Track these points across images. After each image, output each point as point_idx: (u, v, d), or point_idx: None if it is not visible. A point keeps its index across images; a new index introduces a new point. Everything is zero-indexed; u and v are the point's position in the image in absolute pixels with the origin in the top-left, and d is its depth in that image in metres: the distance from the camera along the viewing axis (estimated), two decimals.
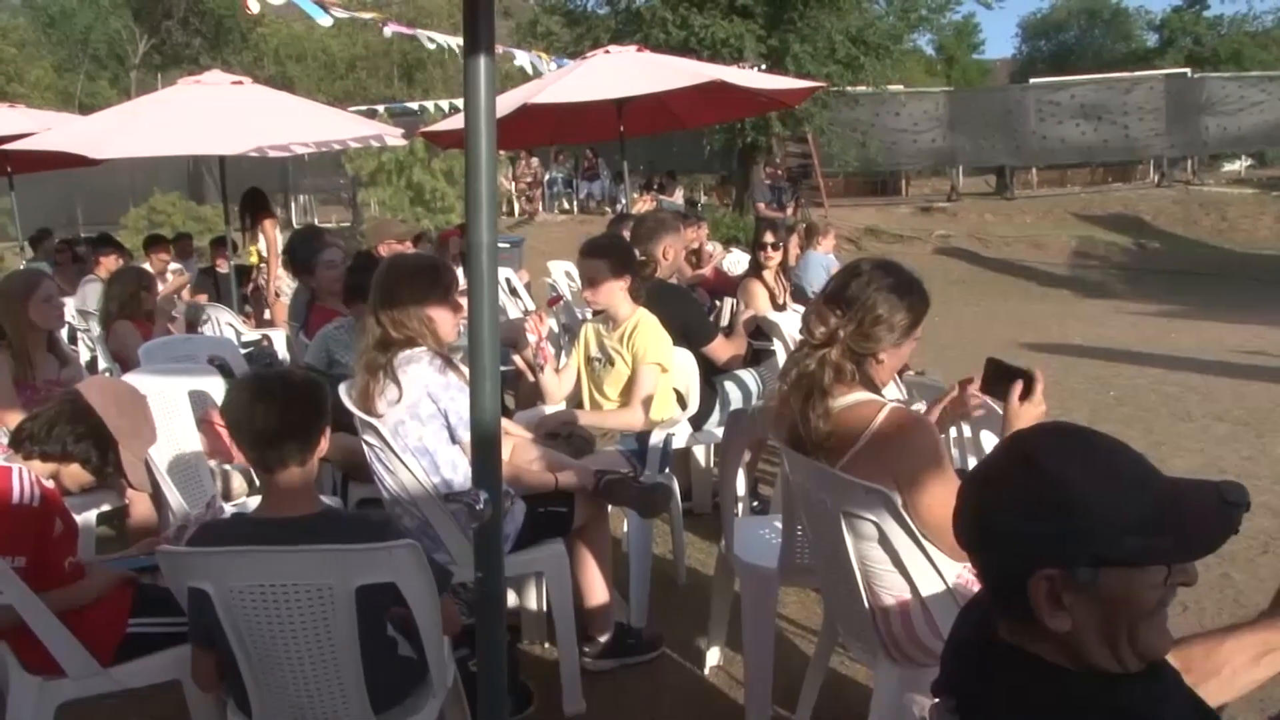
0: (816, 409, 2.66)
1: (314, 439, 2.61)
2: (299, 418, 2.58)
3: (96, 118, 8.56)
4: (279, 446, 2.55)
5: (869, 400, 2.65)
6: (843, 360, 2.67)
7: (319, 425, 2.63)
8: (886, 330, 2.67)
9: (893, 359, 2.73)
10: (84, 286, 8.73)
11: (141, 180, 22.17)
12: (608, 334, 4.54)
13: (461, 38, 2.01)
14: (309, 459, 2.60)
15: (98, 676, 2.93)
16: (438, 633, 2.57)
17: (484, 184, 2.01)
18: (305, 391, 2.64)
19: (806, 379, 2.69)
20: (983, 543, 1.53)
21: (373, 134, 8.49)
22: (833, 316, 2.68)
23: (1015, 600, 1.46)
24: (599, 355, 4.55)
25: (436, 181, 18.86)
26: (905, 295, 2.69)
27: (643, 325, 4.46)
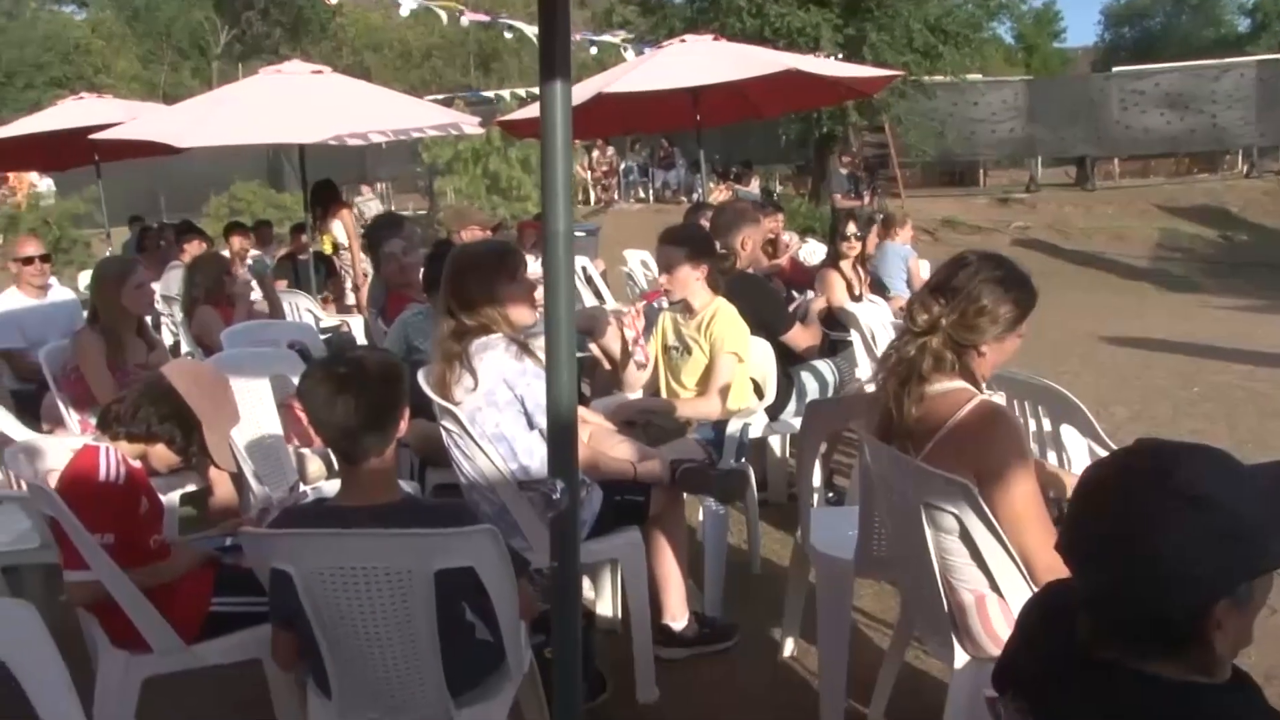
0: (911, 394, 2.63)
1: (392, 428, 2.63)
2: (377, 409, 2.59)
3: (181, 107, 8.70)
4: (359, 440, 2.57)
5: (960, 389, 2.61)
6: (943, 349, 2.62)
7: (396, 414, 2.65)
8: (989, 322, 2.62)
9: (995, 353, 2.67)
10: (168, 273, 8.92)
11: (222, 169, 22.58)
12: (684, 323, 4.53)
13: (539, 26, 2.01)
14: (388, 448, 2.63)
15: (181, 653, 3.00)
16: (515, 618, 2.58)
17: (560, 172, 2.01)
18: (382, 380, 2.64)
19: (905, 365, 2.65)
20: (1146, 589, 1.44)
21: (450, 122, 8.53)
22: (936, 305, 2.64)
23: (1175, 633, 1.43)
24: (676, 344, 4.54)
25: (513, 170, 18.93)
26: (1011, 289, 2.64)
27: (720, 314, 4.44)
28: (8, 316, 6.09)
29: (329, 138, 7.37)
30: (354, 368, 2.63)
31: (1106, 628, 1.52)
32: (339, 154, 11.00)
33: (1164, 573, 1.42)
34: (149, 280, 5.28)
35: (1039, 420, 3.46)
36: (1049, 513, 2.54)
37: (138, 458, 3.16)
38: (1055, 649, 1.57)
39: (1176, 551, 1.41)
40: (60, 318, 6.14)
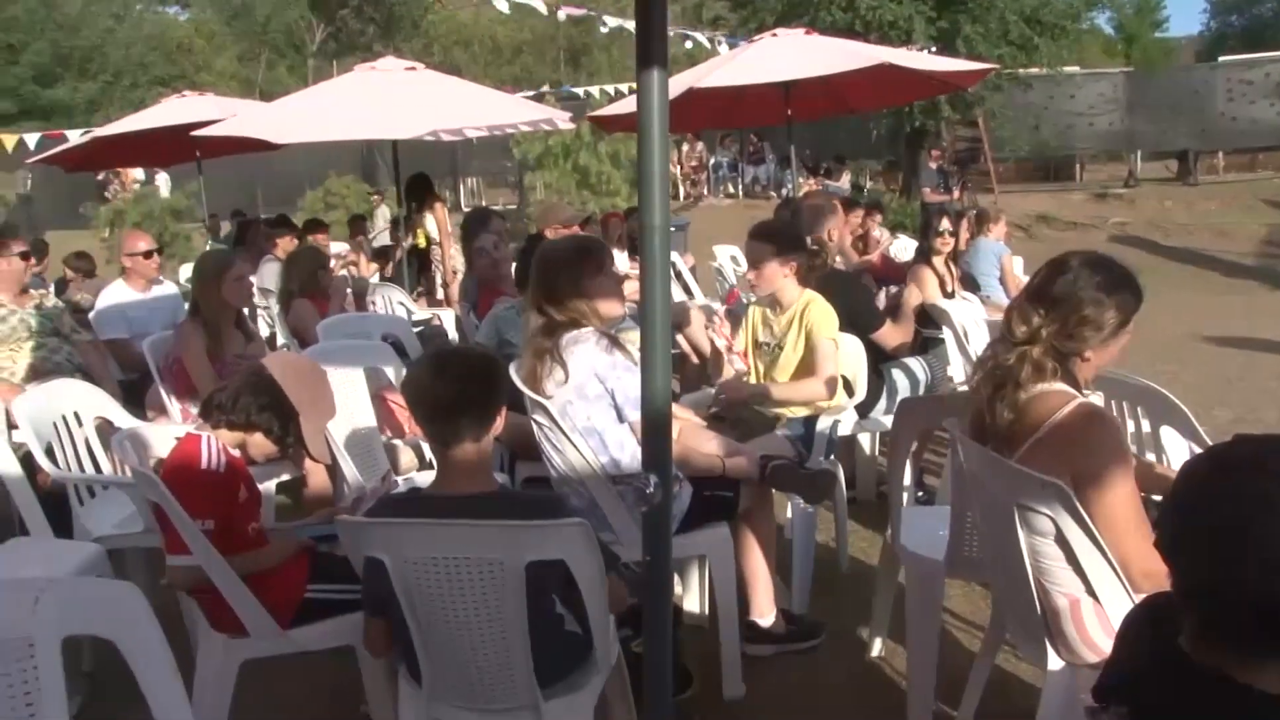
0: (1006, 400, 2.58)
1: (489, 415, 2.66)
2: (475, 393, 2.65)
3: (278, 104, 8.88)
4: (455, 421, 2.61)
5: (1059, 391, 2.55)
6: (1044, 358, 2.56)
7: (495, 402, 2.68)
8: (1093, 330, 2.55)
9: (1100, 357, 2.61)
10: (263, 266, 9.12)
11: (318, 164, 22.97)
12: (774, 317, 4.51)
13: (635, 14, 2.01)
14: (484, 435, 2.66)
15: (277, 638, 3.07)
16: (604, 611, 2.60)
17: (656, 165, 2.01)
18: (483, 369, 2.71)
19: (1002, 372, 2.61)
20: (1250, 576, 1.42)
21: (542, 118, 8.59)
22: (1035, 316, 2.57)
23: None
24: (767, 340, 4.52)
25: (603, 165, 18.99)
26: (1114, 293, 2.56)
27: (812, 306, 4.41)
28: (114, 308, 6.28)
29: (423, 133, 7.47)
30: (459, 357, 2.77)
31: (1210, 625, 1.49)
32: (431, 149, 11.17)
33: (1267, 557, 1.40)
34: (248, 273, 5.41)
35: (1138, 421, 3.39)
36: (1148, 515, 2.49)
37: (237, 446, 3.24)
38: (1160, 658, 1.54)
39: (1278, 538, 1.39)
40: (163, 310, 6.31)
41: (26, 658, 2.05)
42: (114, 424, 4.38)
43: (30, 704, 2.06)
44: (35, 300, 5.47)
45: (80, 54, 37.71)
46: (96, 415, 4.40)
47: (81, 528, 4.06)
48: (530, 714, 2.62)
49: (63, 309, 5.70)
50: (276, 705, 3.60)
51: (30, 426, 4.08)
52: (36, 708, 2.06)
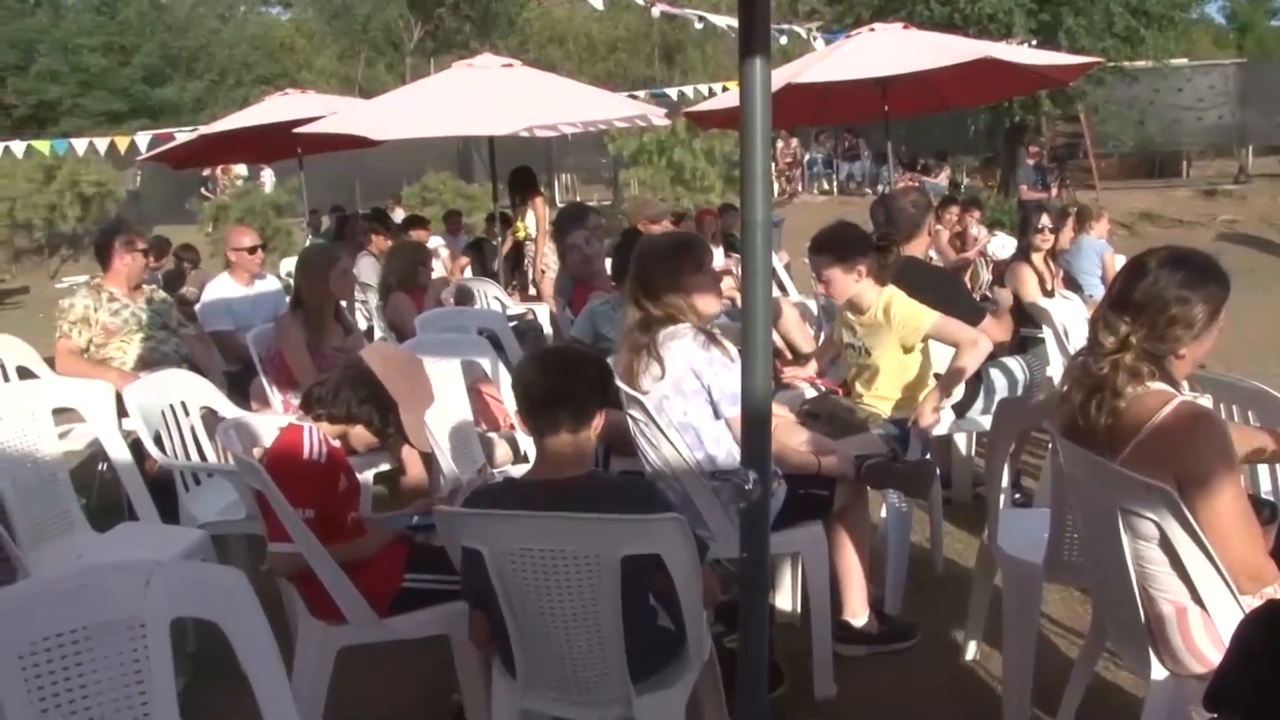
0: (1103, 407, 2.52)
1: (588, 411, 2.69)
2: (576, 386, 2.69)
3: (378, 101, 9.02)
4: (552, 411, 2.65)
5: (1158, 391, 2.48)
6: (1139, 364, 2.49)
7: (594, 399, 2.72)
8: (1184, 328, 2.47)
9: (1195, 352, 2.53)
10: (360, 260, 9.29)
11: (414, 160, 23.30)
12: (855, 319, 4.38)
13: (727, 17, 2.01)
14: (581, 429, 2.69)
15: (375, 626, 3.11)
16: (698, 606, 2.60)
17: (759, 160, 2.00)
18: (587, 365, 2.77)
19: (1096, 381, 2.54)
20: None
21: (637, 114, 8.59)
22: (1122, 324, 2.50)
23: None
24: (851, 341, 4.43)
25: (697, 161, 19.02)
26: (1200, 287, 2.48)
27: (894, 303, 4.25)
28: (219, 301, 6.44)
29: (520, 129, 7.52)
30: (564, 352, 2.86)
31: None
32: (527, 146, 11.26)
33: None
34: (351, 266, 5.51)
35: (1248, 422, 3.29)
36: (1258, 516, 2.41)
37: (338, 437, 3.29)
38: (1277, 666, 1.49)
39: None
40: (266, 303, 6.45)
41: (138, 638, 2.12)
42: (218, 414, 4.49)
43: (141, 682, 2.12)
44: (146, 294, 5.63)
45: (187, 54, 38.74)
46: (202, 405, 4.52)
47: (187, 513, 4.18)
48: (622, 708, 2.63)
49: (171, 303, 5.86)
50: (372, 692, 3.67)
51: (140, 415, 4.21)
52: (147, 686, 2.13)
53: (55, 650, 2.03)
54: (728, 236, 9.67)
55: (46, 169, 21.40)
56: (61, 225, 22.38)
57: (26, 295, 20.85)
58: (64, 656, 2.05)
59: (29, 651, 2.00)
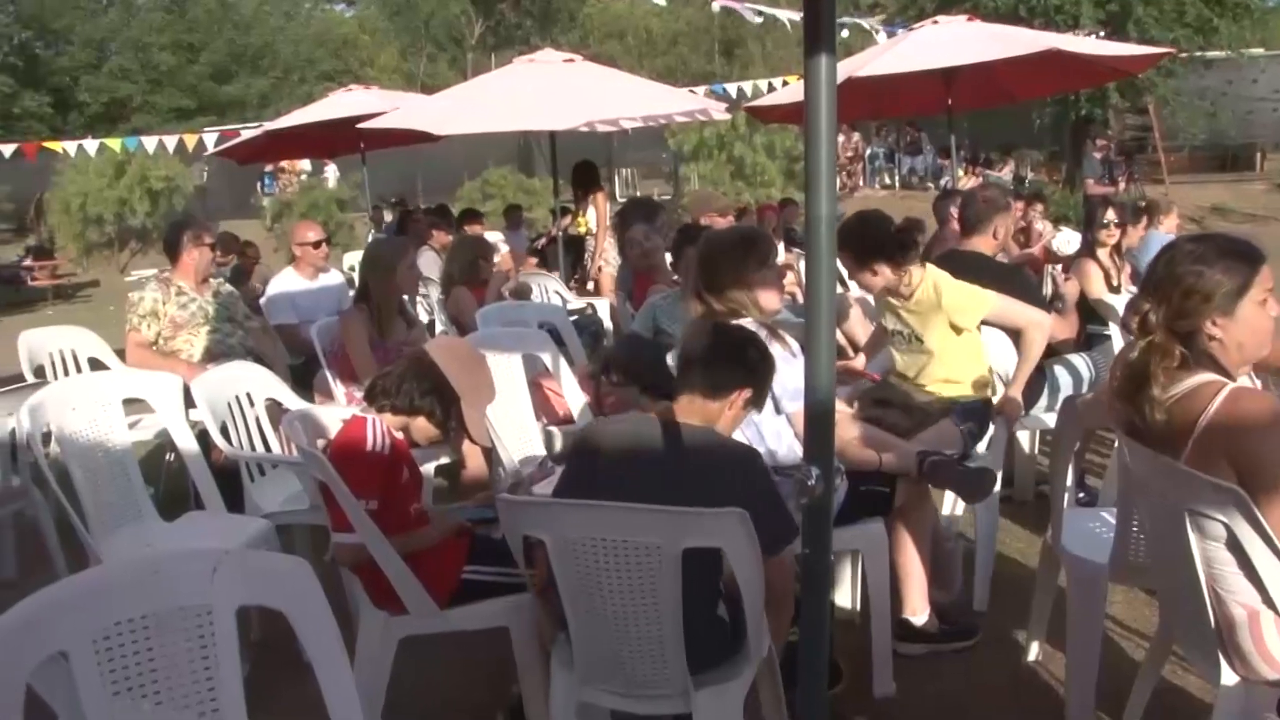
0: (1150, 400, 2.48)
1: (722, 386, 2.84)
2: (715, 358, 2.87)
3: (440, 96, 9.07)
4: (686, 372, 2.84)
5: (1206, 382, 2.44)
6: (1169, 343, 2.46)
7: (731, 377, 2.85)
8: (1201, 301, 2.44)
9: (1234, 332, 2.46)
10: (422, 254, 9.37)
11: (476, 155, 23.49)
12: (899, 304, 4.26)
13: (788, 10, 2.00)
14: (709, 401, 2.83)
15: (435, 617, 3.14)
16: (759, 601, 2.59)
17: (824, 154, 1.99)
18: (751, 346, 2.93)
19: (1138, 370, 2.51)
20: None
21: (698, 108, 8.59)
22: (1145, 304, 2.50)
23: None
24: (898, 328, 4.34)
25: (757, 156, 18.97)
26: (1216, 260, 2.44)
27: (943, 281, 4.15)
28: (284, 295, 6.53)
29: (581, 124, 7.54)
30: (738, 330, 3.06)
31: None
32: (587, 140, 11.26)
33: None
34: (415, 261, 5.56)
35: None
36: None
37: (400, 430, 3.33)
38: None
39: None
40: (329, 297, 6.53)
41: (205, 624, 2.15)
42: (283, 405, 4.56)
43: (208, 667, 2.16)
44: (213, 288, 5.72)
45: (253, 52, 39.29)
46: (267, 397, 4.58)
47: (252, 503, 4.24)
48: (680, 702, 2.64)
49: (237, 296, 5.95)
50: (431, 682, 3.70)
51: (207, 406, 4.28)
52: (214, 671, 2.16)
53: (126, 635, 2.07)
54: (788, 231, 9.63)
55: (117, 165, 21.84)
56: (131, 220, 22.82)
57: (97, 288, 21.31)
58: (135, 641, 2.08)
59: (102, 635, 2.03)
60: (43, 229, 25.17)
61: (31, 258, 22.41)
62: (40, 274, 21.29)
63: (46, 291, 20.48)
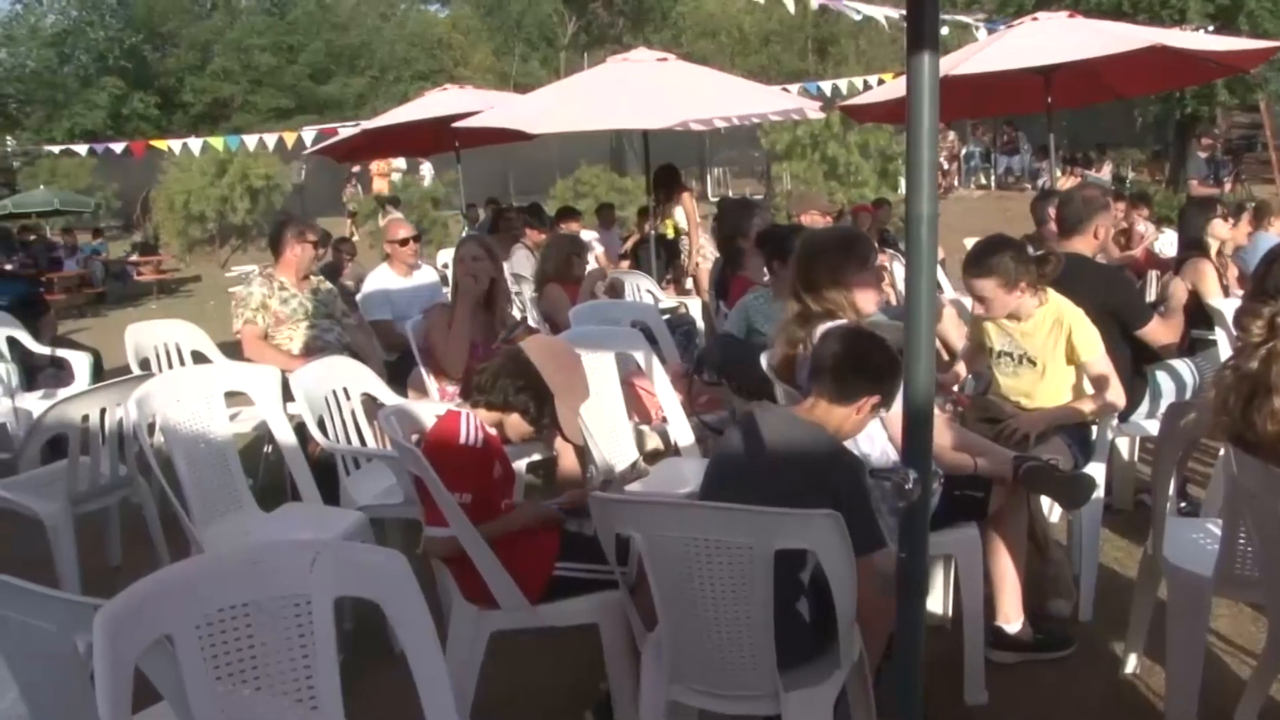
0: (1262, 409, 2.40)
1: (848, 390, 2.90)
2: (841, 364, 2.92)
3: (534, 95, 9.13)
4: (817, 377, 2.90)
5: None
6: None
7: (857, 382, 2.91)
8: None
9: None
10: (515, 252, 9.46)
11: (568, 153, 23.64)
12: (1014, 327, 4.17)
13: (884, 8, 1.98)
14: (833, 405, 2.89)
15: (526, 612, 3.16)
16: (851, 605, 2.57)
17: (925, 153, 1.97)
18: (862, 350, 2.96)
19: (1249, 379, 2.43)
20: None
21: (792, 107, 8.53)
22: (1265, 307, 2.41)
23: None
24: (1008, 349, 4.25)
25: (851, 155, 18.79)
26: None
27: (1068, 313, 4.08)
28: (379, 292, 6.65)
29: (674, 123, 7.53)
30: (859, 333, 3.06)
31: None
32: (679, 139, 11.28)
33: None
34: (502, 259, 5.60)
35: None
36: None
37: (494, 426, 3.36)
38: None
39: None
40: (423, 293, 6.62)
41: (304, 613, 2.20)
42: (378, 400, 4.63)
43: (306, 655, 2.20)
44: (312, 285, 5.84)
45: (350, 52, 40.12)
46: (363, 391, 4.66)
47: (347, 496, 4.32)
48: (769, 703, 2.63)
49: (335, 293, 6.06)
50: (520, 677, 3.72)
51: (305, 400, 4.37)
52: (311, 659, 2.20)
53: (228, 621, 2.12)
54: (882, 232, 9.53)
55: (219, 163, 22.41)
56: (232, 217, 23.41)
57: (198, 284, 21.88)
58: (236, 627, 2.13)
59: (205, 621, 2.09)
60: (148, 226, 25.97)
61: (137, 254, 23.13)
62: (145, 269, 21.95)
63: (151, 286, 21.09)
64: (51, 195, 25.03)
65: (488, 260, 5.15)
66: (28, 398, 6.34)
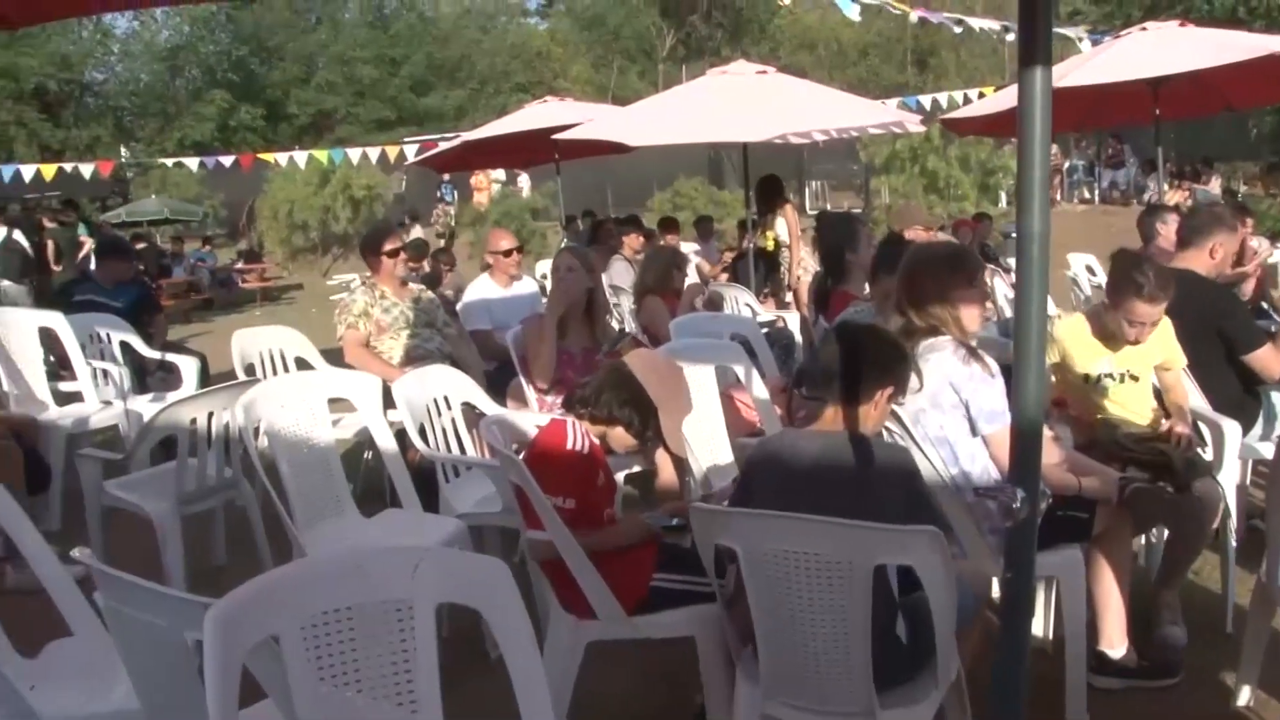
0: None
1: (861, 388, 2.84)
2: (850, 362, 2.87)
3: (634, 108, 9.19)
4: (828, 383, 2.85)
5: None
6: None
7: (871, 377, 2.86)
8: None
9: None
10: (613, 264, 9.51)
11: (666, 166, 23.70)
12: (1113, 349, 4.08)
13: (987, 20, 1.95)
14: (851, 406, 2.84)
15: (623, 623, 3.16)
16: (951, 623, 2.54)
17: (1037, 167, 1.94)
18: (864, 342, 2.94)
19: None
20: None
21: (892, 120, 8.46)
22: None
23: None
24: (1109, 371, 4.13)
25: (951, 168, 18.59)
26: None
27: (1168, 330, 4.04)
28: (479, 302, 6.73)
29: (774, 136, 7.52)
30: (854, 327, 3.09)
31: None
32: (778, 152, 11.24)
33: None
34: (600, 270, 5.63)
35: None
36: None
37: (598, 438, 3.38)
38: None
39: None
40: (523, 304, 6.67)
41: (406, 618, 2.22)
42: (477, 409, 4.68)
43: (407, 660, 2.23)
44: (414, 294, 5.93)
45: (450, 65, 40.80)
46: (463, 401, 4.71)
47: (446, 503, 4.37)
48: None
49: (437, 302, 6.14)
50: (616, 688, 3.73)
51: (406, 407, 4.43)
52: (412, 665, 2.23)
53: (332, 624, 2.15)
54: (982, 247, 9.39)
55: (322, 174, 22.93)
56: (334, 226, 23.93)
57: (300, 291, 22.39)
58: (339, 631, 2.16)
59: (310, 623, 2.12)
60: (252, 234, 26.68)
61: (242, 261, 23.75)
62: (250, 277, 22.53)
63: (255, 293, 21.63)
64: (162, 204, 25.95)
65: (581, 272, 5.17)
66: (138, 400, 6.54)
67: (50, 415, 6.13)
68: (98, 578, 2.29)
